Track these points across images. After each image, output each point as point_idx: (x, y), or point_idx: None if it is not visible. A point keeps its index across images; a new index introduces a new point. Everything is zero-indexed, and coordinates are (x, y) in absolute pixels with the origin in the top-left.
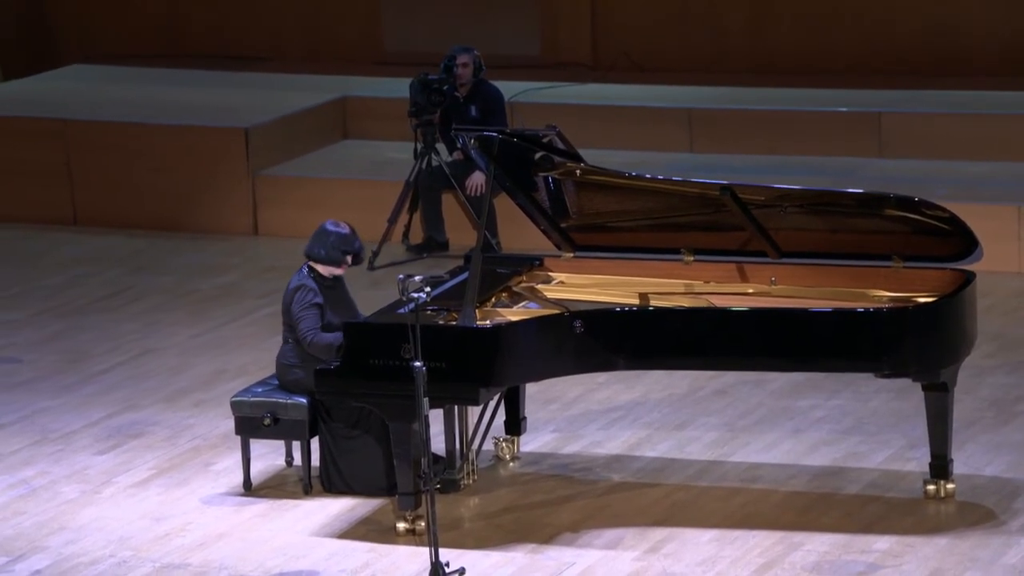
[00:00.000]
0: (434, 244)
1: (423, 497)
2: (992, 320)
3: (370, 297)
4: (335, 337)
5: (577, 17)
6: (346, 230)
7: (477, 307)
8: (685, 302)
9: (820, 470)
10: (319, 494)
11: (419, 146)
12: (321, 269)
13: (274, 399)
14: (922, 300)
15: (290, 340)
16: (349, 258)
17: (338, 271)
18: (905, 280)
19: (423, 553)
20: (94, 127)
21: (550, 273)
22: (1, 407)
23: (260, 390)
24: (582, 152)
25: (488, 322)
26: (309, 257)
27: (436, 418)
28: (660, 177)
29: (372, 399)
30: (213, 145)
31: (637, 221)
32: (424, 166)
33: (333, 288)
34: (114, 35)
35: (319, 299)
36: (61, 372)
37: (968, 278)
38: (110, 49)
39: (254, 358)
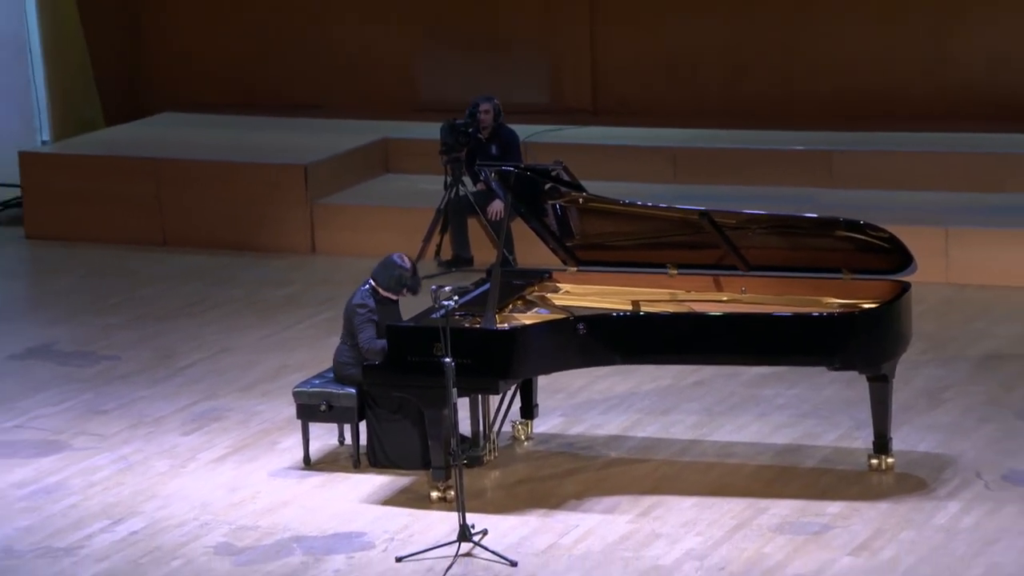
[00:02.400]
0: (461, 260)
1: (453, 471)
2: (924, 323)
3: (408, 304)
4: (385, 343)
5: (580, 71)
6: (409, 268)
7: (497, 312)
8: (670, 308)
9: (782, 447)
10: (366, 469)
11: (448, 179)
12: (381, 290)
13: (329, 389)
14: (867, 306)
15: (348, 342)
16: (405, 291)
17: (393, 298)
18: (852, 289)
19: (452, 517)
20: (180, 164)
21: (557, 284)
22: (104, 396)
23: (318, 382)
24: (584, 183)
25: (506, 325)
26: (374, 279)
27: (463, 405)
28: (649, 204)
29: (410, 389)
30: (278, 179)
31: (630, 240)
32: (453, 195)
33: (386, 305)
34: (198, 88)
35: (375, 317)
36: (153, 367)
37: (904, 288)
38: (195, 99)
39: (312, 355)
